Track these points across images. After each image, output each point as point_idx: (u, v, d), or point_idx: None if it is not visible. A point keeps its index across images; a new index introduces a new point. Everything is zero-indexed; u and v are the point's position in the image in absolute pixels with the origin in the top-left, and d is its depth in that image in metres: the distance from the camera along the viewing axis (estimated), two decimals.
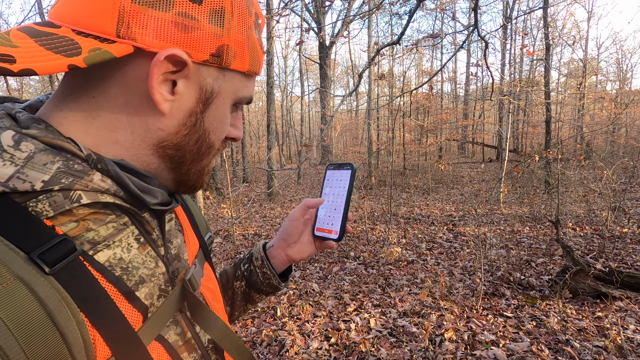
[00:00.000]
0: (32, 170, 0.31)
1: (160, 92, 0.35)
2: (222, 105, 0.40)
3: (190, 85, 0.37)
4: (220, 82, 0.39)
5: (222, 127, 0.42)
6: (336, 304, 3.19)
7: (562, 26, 19.65)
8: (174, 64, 0.35)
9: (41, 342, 0.27)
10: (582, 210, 6.18)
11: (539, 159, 4.90)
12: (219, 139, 0.43)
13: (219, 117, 0.41)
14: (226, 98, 0.40)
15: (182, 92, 0.37)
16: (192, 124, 0.39)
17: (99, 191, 0.34)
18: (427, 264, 4.08)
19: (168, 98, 0.36)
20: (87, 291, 0.31)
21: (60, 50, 0.31)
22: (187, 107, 0.37)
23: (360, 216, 6.00)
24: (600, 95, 17.72)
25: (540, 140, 15.20)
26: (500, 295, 3.17)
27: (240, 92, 0.42)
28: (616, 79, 22.74)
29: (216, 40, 0.36)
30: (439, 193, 8.92)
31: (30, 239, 0.30)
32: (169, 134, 0.38)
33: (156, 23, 0.33)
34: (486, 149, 18.07)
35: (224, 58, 0.37)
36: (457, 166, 14.65)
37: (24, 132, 0.32)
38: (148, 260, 0.38)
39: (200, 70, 0.37)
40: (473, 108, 20.46)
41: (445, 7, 10.52)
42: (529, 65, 18.84)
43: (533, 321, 2.72)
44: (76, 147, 0.33)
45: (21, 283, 0.27)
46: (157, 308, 0.37)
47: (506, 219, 5.92)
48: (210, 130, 0.41)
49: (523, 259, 4.00)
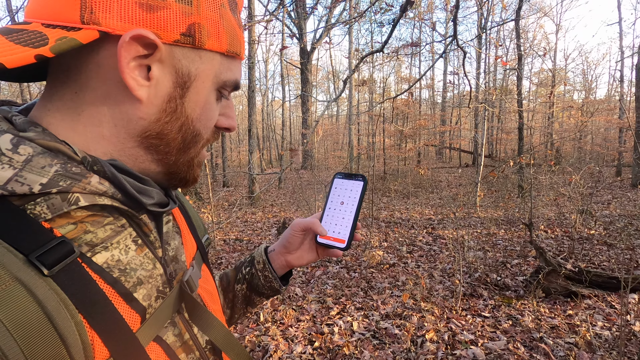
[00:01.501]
0: (30, 173, 0.31)
1: (133, 77, 0.34)
2: (202, 89, 0.39)
3: (165, 69, 0.36)
4: (197, 64, 0.37)
5: (206, 113, 0.40)
6: (319, 308, 3.19)
7: (533, 37, 20.61)
8: (145, 47, 0.34)
9: (40, 343, 0.27)
10: (553, 214, 6.46)
11: (512, 164, 5.13)
12: (206, 127, 0.41)
13: (201, 103, 0.39)
14: (206, 81, 0.39)
15: (158, 77, 0.36)
16: (172, 110, 0.37)
17: (97, 194, 0.34)
18: (408, 266, 4.16)
19: (143, 84, 0.35)
20: (85, 292, 0.32)
21: (27, 42, 0.31)
22: (164, 92, 0.36)
23: None
24: (568, 104, 18.65)
25: (513, 146, 15.82)
26: (478, 296, 3.27)
27: (223, 75, 0.40)
28: (582, 89, 23.99)
29: (185, 19, 0.35)
30: (418, 197, 9.10)
31: (29, 241, 0.30)
32: (150, 123, 0.37)
33: (119, 5, 0.33)
34: (463, 154, 18.61)
35: (196, 37, 0.36)
36: (435, 171, 15.00)
37: (21, 135, 0.32)
38: (146, 261, 0.38)
39: (173, 52, 0.36)
40: (450, 115, 21.07)
41: (423, 16, 10.84)
42: (502, 75, 19.61)
43: (509, 320, 2.82)
44: (71, 149, 0.34)
45: (20, 285, 0.27)
46: (155, 309, 0.37)
47: (482, 222, 6.11)
48: (193, 116, 0.39)
49: (499, 260, 4.14)
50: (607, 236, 4.94)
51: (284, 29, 11.77)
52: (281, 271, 0.66)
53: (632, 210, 6.59)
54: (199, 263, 0.49)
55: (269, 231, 6.07)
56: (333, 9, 11.33)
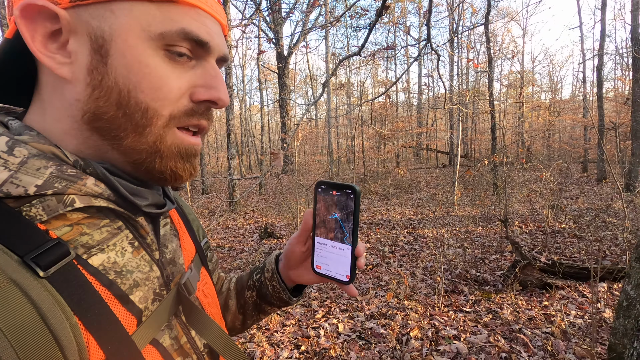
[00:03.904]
0: (25, 175, 0.31)
1: (48, 55, 0.32)
2: (127, 49, 0.32)
3: (79, 38, 0.32)
4: (110, 20, 0.32)
5: (147, 79, 0.33)
6: (304, 312, 3.19)
7: (502, 41, 21.45)
8: (50, 20, 0.32)
9: (34, 344, 0.27)
10: (526, 209, 6.72)
11: (487, 163, 5.32)
12: (155, 98, 0.34)
13: (135, 67, 0.32)
14: (129, 39, 0.32)
15: (76, 50, 0.32)
16: (98, 82, 0.32)
17: (93, 195, 0.34)
18: (391, 266, 4.21)
19: (64, 61, 0.32)
20: (80, 294, 0.31)
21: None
22: (85, 63, 0.32)
23: None
24: (537, 104, 19.49)
25: (487, 146, 16.36)
26: (459, 292, 3.35)
27: (155, 27, 0.32)
28: (549, 90, 25.14)
29: None
30: (398, 198, 9.24)
31: (24, 242, 0.30)
32: (84, 103, 0.33)
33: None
34: (439, 155, 19.07)
35: None
36: (413, 172, 15.29)
37: (16, 138, 0.32)
38: (142, 264, 0.38)
39: (79, 15, 0.32)
40: (426, 116, 21.57)
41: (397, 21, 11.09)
42: (474, 77, 20.28)
43: (489, 314, 2.91)
44: (62, 153, 0.34)
45: (15, 286, 0.27)
46: (152, 312, 0.37)
47: (461, 220, 6.28)
48: (129, 87, 0.33)
49: (477, 256, 4.26)
50: (576, 229, 5.18)
51: (261, 34, 11.75)
52: (291, 283, 0.60)
53: (599, 203, 6.94)
54: (198, 266, 0.49)
55: (250, 237, 6.00)
56: (309, 14, 11.40)
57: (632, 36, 8.81)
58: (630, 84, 10.12)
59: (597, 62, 10.07)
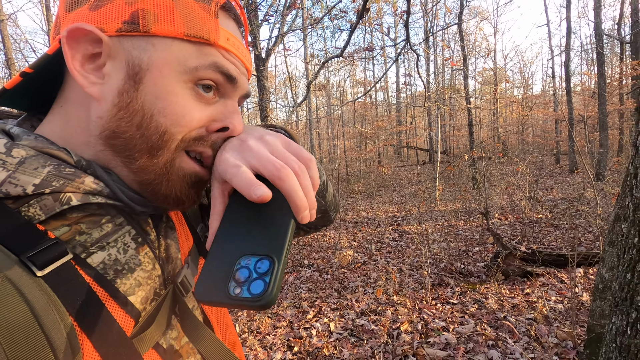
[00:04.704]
0: (23, 174, 0.31)
1: (83, 74, 0.34)
2: (160, 78, 0.35)
3: (117, 63, 0.35)
4: (149, 52, 0.34)
5: (172, 107, 0.35)
6: (295, 313, 3.19)
7: (475, 39, 22.07)
8: (92, 44, 0.34)
9: (24, 343, 0.26)
10: (505, 202, 6.95)
11: (467, 158, 5.48)
12: (176, 124, 0.36)
13: (163, 96, 0.35)
14: (164, 70, 0.35)
15: (110, 73, 0.35)
16: (125, 104, 0.35)
17: (91, 193, 0.34)
18: (378, 263, 4.27)
19: (96, 81, 0.35)
20: (77, 295, 0.31)
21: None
22: (116, 87, 0.35)
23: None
24: (510, 100, 20.15)
25: (465, 142, 16.79)
26: (445, 285, 3.44)
27: (189, 63, 0.35)
28: (521, 86, 26.04)
29: (128, 7, 0.34)
30: (381, 196, 9.36)
31: (22, 242, 0.30)
32: (106, 121, 0.35)
33: (75, 15, 0.35)
34: (420, 152, 19.43)
35: (141, 23, 0.34)
36: (395, 170, 15.51)
37: (16, 141, 0.33)
38: (146, 261, 0.37)
39: (122, 43, 0.34)
40: (405, 115, 21.93)
41: (373, 21, 11.24)
42: (450, 75, 20.78)
43: (475, 304, 3.00)
44: (67, 155, 0.34)
45: (9, 283, 0.27)
46: (148, 312, 0.36)
47: (443, 215, 6.42)
48: (153, 110, 0.35)
49: (461, 249, 4.38)
50: (552, 218, 5.40)
51: None
52: None
53: (572, 193, 7.25)
54: (196, 257, 0.47)
55: None
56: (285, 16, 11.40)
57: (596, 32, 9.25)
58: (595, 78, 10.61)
59: (564, 58, 10.52)
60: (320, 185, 0.51)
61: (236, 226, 0.34)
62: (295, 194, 0.33)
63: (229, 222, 0.35)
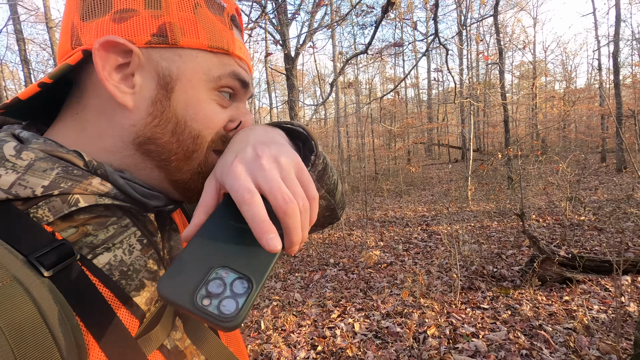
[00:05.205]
0: (32, 176, 0.32)
1: (115, 85, 0.36)
2: (191, 89, 0.38)
3: (146, 74, 0.37)
4: (178, 63, 0.37)
5: (203, 114, 0.39)
6: (320, 312, 3.19)
7: (512, 32, 21.03)
8: (122, 55, 0.36)
9: (31, 342, 0.26)
10: (543, 202, 6.57)
11: (501, 156, 5.20)
12: (207, 127, 0.39)
13: (193, 103, 0.38)
14: (193, 80, 0.38)
15: (141, 83, 0.37)
16: (160, 112, 0.37)
17: (98, 194, 0.35)
18: (405, 264, 4.18)
19: (127, 91, 0.36)
20: (83, 295, 0.31)
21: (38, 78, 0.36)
22: (149, 96, 0.37)
23: (337, 222, 6.06)
24: (550, 95, 19.04)
25: (500, 139, 16.07)
26: (476, 289, 3.30)
27: (214, 72, 0.39)
28: (563, 79, 24.53)
29: (155, 21, 0.36)
30: (410, 195, 9.17)
31: (30, 243, 0.30)
32: (140, 128, 0.37)
33: (97, 25, 0.35)
34: (452, 150, 18.84)
35: (169, 36, 0.36)
36: (425, 168, 15.14)
37: (25, 144, 0.34)
38: (150, 263, 0.37)
39: (151, 55, 0.36)
40: (436, 111, 21.33)
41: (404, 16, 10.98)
42: (484, 69, 19.95)
43: (508, 310, 2.85)
44: (77, 157, 0.35)
45: (17, 283, 0.27)
46: (153, 313, 0.37)
47: (475, 216, 6.18)
48: (186, 118, 0.38)
49: (494, 252, 4.19)
50: (596, 221, 5.04)
51: (267, 36, 11.82)
52: None
53: (619, 194, 6.74)
54: None
55: None
56: (314, 14, 11.40)
57: None
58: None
59: (612, 48, 9.77)
60: (331, 184, 0.52)
61: (222, 232, 0.32)
62: (294, 231, 0.32)
63: (216, 224, 0.33)
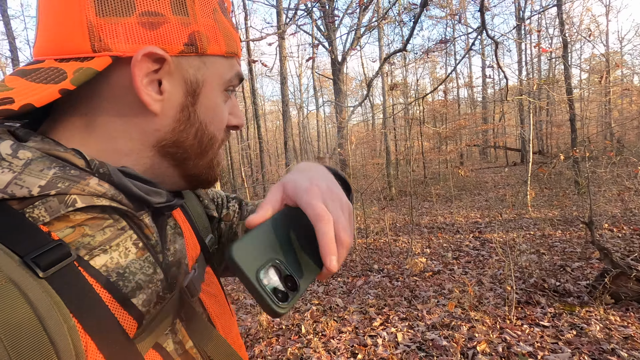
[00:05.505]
0: (29, 176, 0.31)
1: (147, 93, 0.36)
2: (211, 93, 0.40)
3: (174, 81, 0.37)
4: (202, 70, 0.39)
5: (218, 116, 0.42)
6: (361, 319, 3.11)
7: (580, 22, 19.16)
8: (154, 63, 0.35)
9: (28, 345, 0.26)
10: (618, 210, 5.84)
11: (564, 158, 4.68)
12: (219, 129, 0.42)
13: (212, 106, 0.41)
14: (214, 85, 0.40)
15: (169, 90, 0.37)
16: (186, 118, 0.39)
17: (95, 195, 0.34)
18: (454, 273, 3.94)
19: (157, 98, 0.36)
20: (80, 296, 0.31)
21: (48, 80, 0.33)
22: (177, 103, 0.38)
23: (382, 227, 5.90)
24: (626, 87, 16.96)
25: (566, 140, 14.64)
26: (534, 304, 3.01)
27: (226, 75, 0.41)
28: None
29: (185, 29, 0.36)
30: (462, 200, 8.68)
31: (25, 243, 0.30)
32: (165, 133, 0.38)
33: (124, 29, 0.34)
34: (510, 153, 17.55)
35: (198, 45, 0.37)
36: (480, 172, 14.28)
37: (22, 143, 0.33)
38: (146, 266, 0.37)
39: (180, 63, 0.37)
40: (492, 112, 20.04)
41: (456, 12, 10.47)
42: (547, 65, 18.37)
43: (573, 330, 2.55)
44: (76, 155, 0.34)
45: (12, 285, 0.27)
46: (153, 315, 0.36)
47: (535, 223, 5.67)
48: (206, 121, 0.40)
49: (557, 264, 3.79)
50: None
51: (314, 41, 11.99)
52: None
53: None
54: (203, 265, 0.48)
55: None
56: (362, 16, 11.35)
57: None
58: None
59: None
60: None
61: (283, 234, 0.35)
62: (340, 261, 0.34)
63: (278, 225, 0.35)
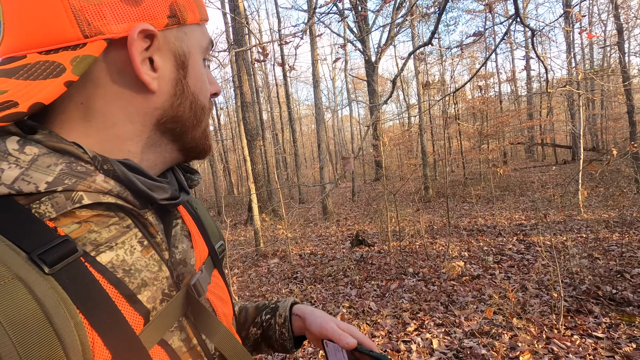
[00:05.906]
0: (36, 172, 0.31)
1: (145, 72, 0.35)
2: (195, 62, 0.40)
3: (164, 56, 0.37)
4: (185, 41, 0.39)
5: (204, 84, 0.42)
6: (395, 323, 3.02)
7: (639, 6, 17.47)
8: (145, 40, 0.35)
9: (35, 342, 0.26)
10: None
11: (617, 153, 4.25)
12: (206, 97, 0.43)
13: (199, 76, 0.41)
14: (196, 55, 0.40)
15: (162, 65, 0.37)
16: (181, 92, 0.39)
17: (101, 192, 0.34)
18: (495, 278, 3.72)
19: (153, 76, 0.36)
20: (87, 292, 0.31)
21: (46, 75, 0.31)
22: (171, 78, 0.38)
23: (417, 230, 5.72)
24: None
25: (624, 134, 13.39)
26: (586, 313, 2.76)
27: (203, 43, 0.42)
28: None
29: (165, 1, 0.36)
30: (505, 201, 8.21)
31: (32, 239, 0.30)
32: (165, 110, 0.38)
33: (110, 9, 0.33)
34: (559, 150, 16.38)
35: (179, 16, 0.37)
36: (525, 171, 13.45)
37: (28, 137, 0.33)
38: (151, 263, 0.37)
39: (166, 37, 0.37)
40: (539, 107, 18.81)
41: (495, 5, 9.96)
42: (601, 54, 16.96)
43: (632, 343, 2.30)
44: (80, 150, 0.33)
45: (19, 282, 0.27)
46: (159, 312, 0.36)
47: (588, 225, 5.22)
48: (197, 91, 0.41)
49: (613, 269, 3.46)
50: None
51: (346, 42, 11.97)
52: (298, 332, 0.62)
53: None
54: (210, 269, 0.48)
55: (342, 245, 6.03)
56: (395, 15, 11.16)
57: None
58: None
59: None
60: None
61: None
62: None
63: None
